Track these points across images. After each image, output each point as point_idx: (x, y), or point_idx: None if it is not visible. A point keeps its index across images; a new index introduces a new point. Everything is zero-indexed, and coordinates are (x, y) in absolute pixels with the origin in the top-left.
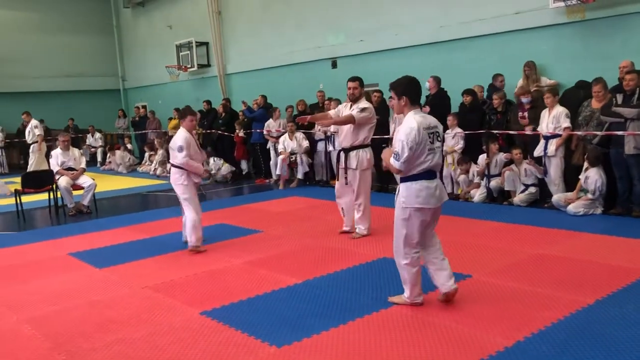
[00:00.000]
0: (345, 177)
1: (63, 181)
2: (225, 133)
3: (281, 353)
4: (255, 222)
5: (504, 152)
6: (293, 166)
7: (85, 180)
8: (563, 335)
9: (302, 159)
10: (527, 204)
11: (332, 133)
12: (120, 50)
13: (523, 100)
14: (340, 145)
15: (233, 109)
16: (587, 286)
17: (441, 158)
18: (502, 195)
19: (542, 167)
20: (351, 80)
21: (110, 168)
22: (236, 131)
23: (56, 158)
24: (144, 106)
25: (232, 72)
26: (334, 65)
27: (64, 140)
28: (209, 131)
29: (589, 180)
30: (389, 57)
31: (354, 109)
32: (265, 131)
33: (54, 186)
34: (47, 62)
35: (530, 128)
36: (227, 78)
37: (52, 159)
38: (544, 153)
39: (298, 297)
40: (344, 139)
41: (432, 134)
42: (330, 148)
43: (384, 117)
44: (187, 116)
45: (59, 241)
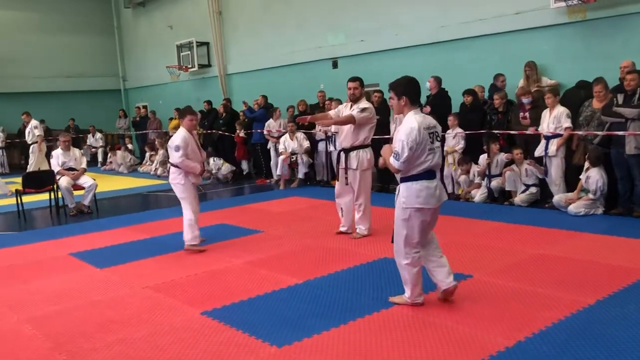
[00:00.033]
0: (345, 178)
1: (64, 181)
2: (225, 133)
3: (282, 353)
4: (255, 222)
5: (505, 152)
6: (294, 166)
7: (86, 180)
8: (564, 335)
9: (303, 159)
10: (528, 204)
11: (333, 133)
12: (120, 50)
13: (524, 100)
14: (340, 145)
15: (234, 109)
16: (588, 286)
17: (441, 158)
18: (503, 195)
19: (543, 167)
20: (351, 80)
21: (111, 168)
22: (237, 131)
23: (57, 158)
24: (145, 106)
25: (233, 72)
26: (335, 65)
27: (65, 140)
28: (210, 131)
29: (590, 180)
30: (390, 57)
31: (354, 109)
32: (265, 131)
33: (55, 186)
34: (48, 63)
35: (533, 129)
36: (228, 78)
37: (53, 159)
38: (545, 153)
39: (299, 297)
40: (344, 139)
41: (432, 134)
42: (331, 148)
43: (385, 118)
44: (187, 115)
45: (60, 241)
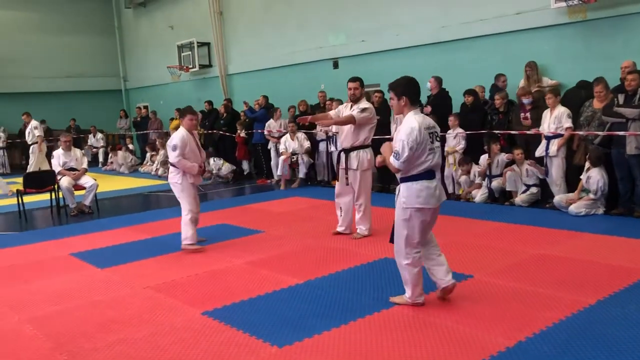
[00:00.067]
0: (346, 178)
1: (65, 181)
2: (226, 133)
3: (282, 353)
4: (256, 223)
5: (506, 153)
6: (294, 166)
7: (87, 180)
8: (564, 335)
9: (304, 160)
10: (529, 204)
11: (334, 133)
12: (121, 50)
13: (524, 101)
14: (340, 145)
15: (234, 110)
16: (589, 286)
17: (441, 158)
18: (504, 195)
19: (544, 168)
20: (351, 80)
21: (112, 168)
22: (238, 131)
23: (58, 158)
24: (146, 106)
25: (234, 73)
26: (336, 65)
27: (66, 140)
28: (211, 131)
29: (591, 180)
30: (391, 58)
31: (355, 109)
32: (266, 131)
33: (56, 186)
34: (48, 63)
35: (535, 130)
36: (229, 78)
37: (54, 159)
38: (546, 153)
39: (299, 297)
40: (345, 140)
41: (432, 134)
42: (332, 148)
43: (386, 118)
44: (187, 115)
45: (61, 241)
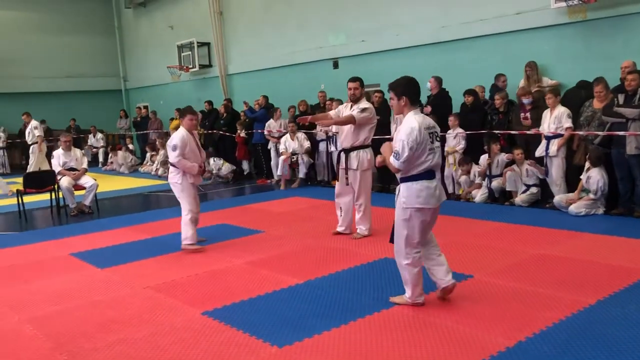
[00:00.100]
0: (346, 178)
1: (65, 181)
2: (226, 133)
3: (282, 353)
4: (256, 223)
5: (506, 153)
6: (294, 166)
7: (87, 180)
8: (565, 335)
9: (304, 160)
10: (529, 204)
11: (334, 133)
12: (121, 50)
13: (524, 101)
14: (340, 145)
15: (235, 110)
16: (589, 286)
17: (440, 158)
18: (504, 195)
19: (544, 168)
20: (351, 80)
21: (112, 168)
22: (238, 131)
23: (58, 158)
24: (146, 106)
25: (234, 73)
26: (336, 65)
27: (66, 140)
28: (211, 132)
29: (591, 180)
30: (391, 58)
31: (355, 109)
32: (266, 131)
33: (56, 186)
34: (48, 63)
35: (535, 130)
36: (229, 78)
37: (54, 159)
38: (546, 153)
39: (299, 298)
40: (345, 140)
41: (432, 134)
42: (332, 148)
43: (386, 118)
44: (187, 115)
45: (61, 241)
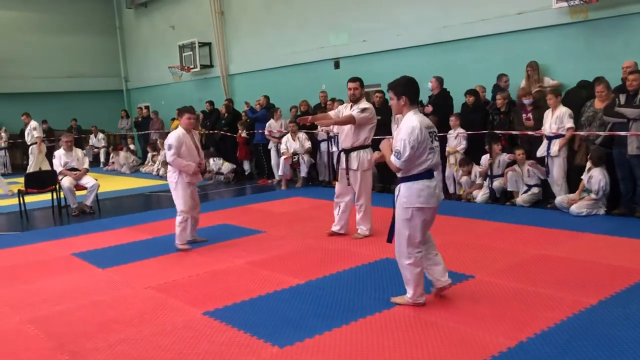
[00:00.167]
0: (347, 178)
1: (66, 181)
2: (228, 134)
3: (283, 353)
4: (257, 223)
5: (507, 153)
6: (295, 167)
7: (88, 180)
8: (566, 335)
9: (304, 160)
10: (530, 205)
11: (335, 134)
12: (122, 50)
13: (525, 101)
14: (341, 145)
15: (236, 110)
16: (590, 287)
17: (439, 158)
18: (505, 195)
19: (545, 168)
20: (351, 80)
21: (113, 168)
22: (239, 132)
23: (59, 158)
24: (147, 107)
25: (235, 73)
26: (337, 65)
27: (67, 140)
28: (212, 132)
29: (593, 180)
30: (392, 58)
31: (355, 110)
32: (266, 131)
33: (57, 186)
34: (49, 63)
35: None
36: (230, 78)
37: (55, 160)
38: (547, 153)
39: (300, 298)
40: (345, 140)
41: (432, 133)
42: (333, 149)
43: (387, 118)
44: (185, 114)
45: (62, 241)
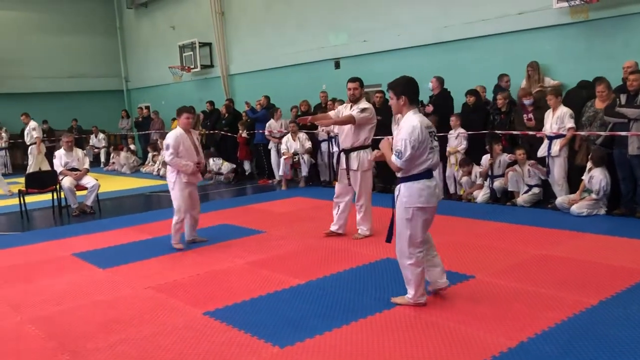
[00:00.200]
0: (348, 178)
1: (67, 181)
2: (228, 134)
3: (284, 353)
4: (258, 223)
5: (507, 153)
6: (296, 167)
7: (88, 180)
8: (567, 335)
9: (305, 160)
10: (531, 205)
11: (336, 134)
12: (123, 50)
13: (525, 102)
14: (341, 146)
15: (236, 110)
16: (591, 287)
17: (439, 157)
18: (506, 195)
19: (545, 168)
20: (351, 80)
21: (113, 169)
22: (239, 132)
23: (60, 159)
24: (147, 107)
25: (235, 73)
26: (337, 65)
27: (68, 140)
28: (212, 132)
29: (594, 180)
30: (392, 58)
31: (354, 110)
32: (266, 132)
33: (58, 186)
34: (50, 63)
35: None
36: (230, 78)
37: (56, 160)
38: (548, 153)
39: (301, 298)
40: (345, 140)
41: (432, 133)
42: (334, 149)
43: (387, 118)
44: (183, 114)
45: (63, 241)
